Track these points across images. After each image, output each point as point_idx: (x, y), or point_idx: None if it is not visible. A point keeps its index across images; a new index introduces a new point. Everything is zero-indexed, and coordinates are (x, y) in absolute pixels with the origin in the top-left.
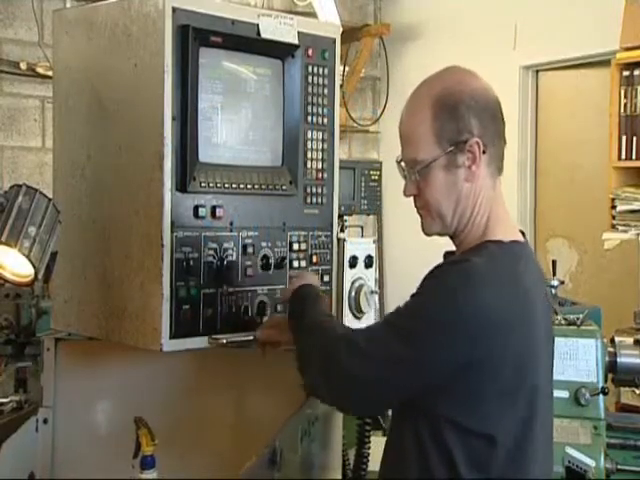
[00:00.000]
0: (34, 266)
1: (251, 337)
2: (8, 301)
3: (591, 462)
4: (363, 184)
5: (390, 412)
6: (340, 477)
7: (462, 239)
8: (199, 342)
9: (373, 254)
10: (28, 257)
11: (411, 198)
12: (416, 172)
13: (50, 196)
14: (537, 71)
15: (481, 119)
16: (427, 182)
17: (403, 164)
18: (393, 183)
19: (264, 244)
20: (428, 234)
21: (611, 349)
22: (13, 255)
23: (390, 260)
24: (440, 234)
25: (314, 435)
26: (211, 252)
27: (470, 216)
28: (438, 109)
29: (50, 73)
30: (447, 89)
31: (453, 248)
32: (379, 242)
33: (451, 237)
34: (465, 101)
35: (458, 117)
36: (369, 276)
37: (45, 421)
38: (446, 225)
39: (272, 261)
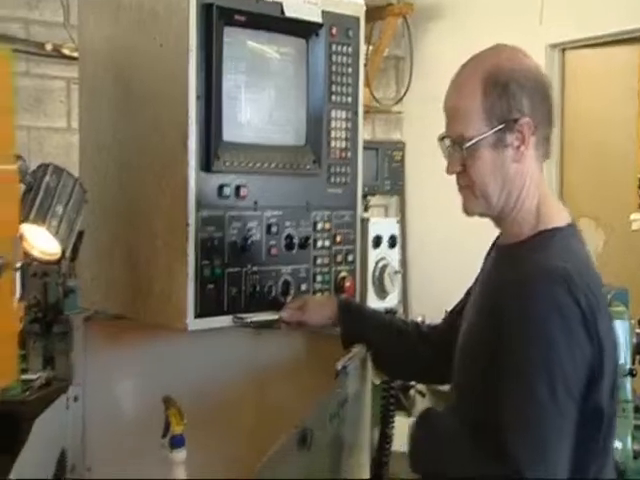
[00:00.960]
0: (61, 244)
1: (276, 317)
2: (36, 280)
3: (618, 444)
4: (386, 165)
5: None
6: (368, 457)
7: (510, 223)
8: (224, 321)
9: (397, 234)
10: (56, 236)
11: (435, 178)
12: (463, 149)
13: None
14: (563, 49)
15: (532, 99)
16: (474, 160)
17: (447, 141)
18: (416, 163)
19: (288, 223)
20: (469, 214)
21: (639, 330)
22: (41, 233)
23: (413, 240)
24: (482, 215)
25: (343, 416)
26: (235, 231)
27: (517, 199)
28: (489, 85)
29: (76, 54)
30: (498, 66)
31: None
32: (402, 222)
33: (494, 219)
34: (517, 79)
35: (510, 95)
36: (393, 256)
37: (76, 399)
38: (490, 206)
39: (296, 241)
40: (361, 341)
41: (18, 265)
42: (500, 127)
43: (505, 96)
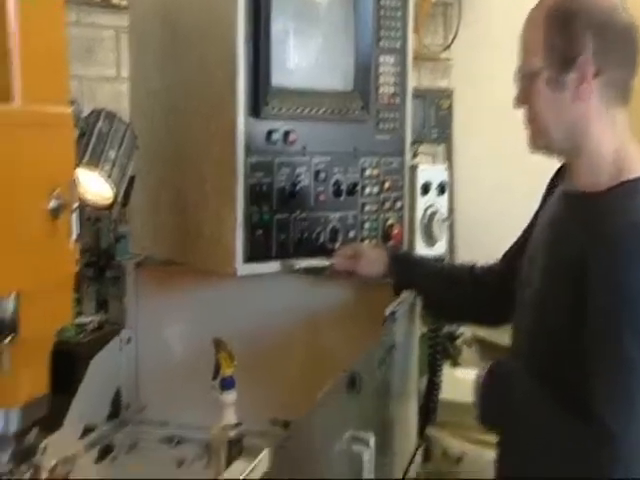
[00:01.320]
0: (114, 189)
1: (325, 263)
2: (89, 225)
3: None
4: (433, 113)
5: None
6: (416, 404)
7: (585, 169)
8: (272, 267)
9: (446, 180)
10: (108, 180)
11: (483, 126)
12: (524, 82)
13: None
14: None
15: (600, 38)
16: (532, 94)
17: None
18: (464, 111)
19: (336, 170)
20: (533, 149)
21: None
22: (94, 178)
23: (460, 189)
24: (546, 152)
25: (391, 361)
26: (284, 177)
27: (585, 142)
28: (553, 20)
29: (124, 2)
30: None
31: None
32: (449, 171)
33: (566, 162)
34: (585, 15)
35: (572, 31)
36: (442, 203)
37: (128, 340)
38: (552, 144)
39: (344, 187)
40: (413, 289)
41: (75, 206)
42: (559, 64)
43: (567, 32)
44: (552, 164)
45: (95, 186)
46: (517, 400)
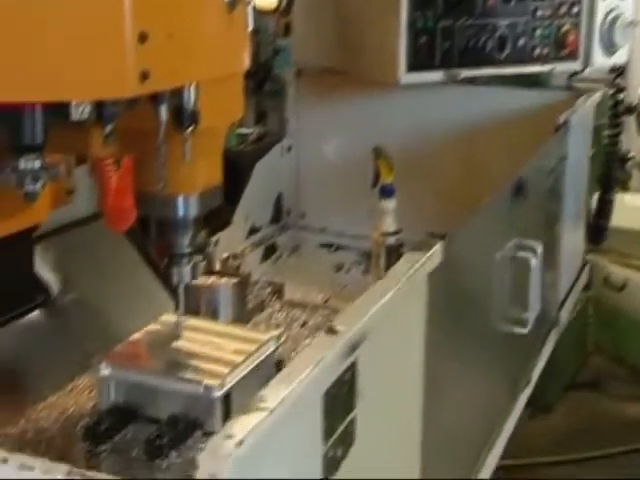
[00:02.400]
0: None
1: (489, 72)
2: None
3: None
4: None
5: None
6: (584, 223)
7: None
8: (435, 76)
9: None
10: None
11: None
12: None
13: None
14: None
15: None
16: None
17: None
18: None
19: None
20: None
21: None
22: None
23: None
24: None
25: (561, 173)
26: None
27: None
28: None
29: None
30: None
31: None
32: None
33: None
34: None
35: None
36: (626, 6)
37: (289, 149)
38: None
39: None
40: None
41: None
42: None
43: None
44: None
45: None
46: None
